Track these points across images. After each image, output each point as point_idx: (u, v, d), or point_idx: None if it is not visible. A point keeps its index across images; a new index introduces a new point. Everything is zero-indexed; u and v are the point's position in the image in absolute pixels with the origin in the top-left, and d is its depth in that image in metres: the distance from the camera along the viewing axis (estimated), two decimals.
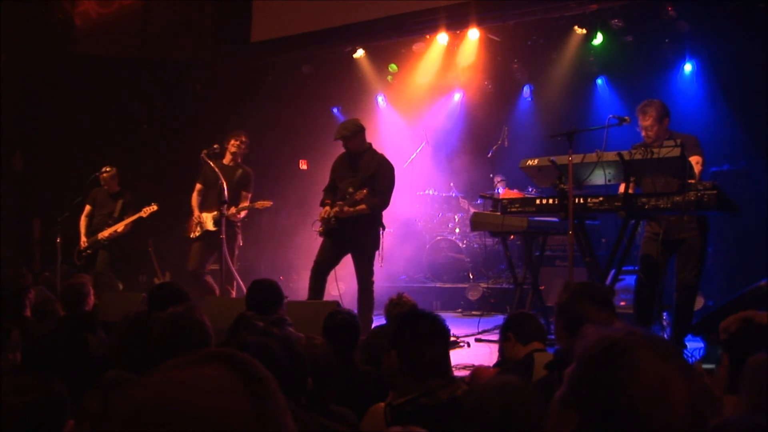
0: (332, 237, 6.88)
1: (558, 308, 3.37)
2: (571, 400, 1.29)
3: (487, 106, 10.92)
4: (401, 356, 2.74)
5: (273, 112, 11.37)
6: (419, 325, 2.82)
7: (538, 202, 6.07)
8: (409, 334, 2.79)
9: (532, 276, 6.84)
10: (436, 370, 2.74)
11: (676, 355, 1.31)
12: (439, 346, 2.80)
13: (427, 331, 2.79)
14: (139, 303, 6.23)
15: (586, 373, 1.29)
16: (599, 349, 1.30)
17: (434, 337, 2.78)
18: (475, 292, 9.33)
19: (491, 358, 5.59)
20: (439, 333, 2.82)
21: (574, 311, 3.21)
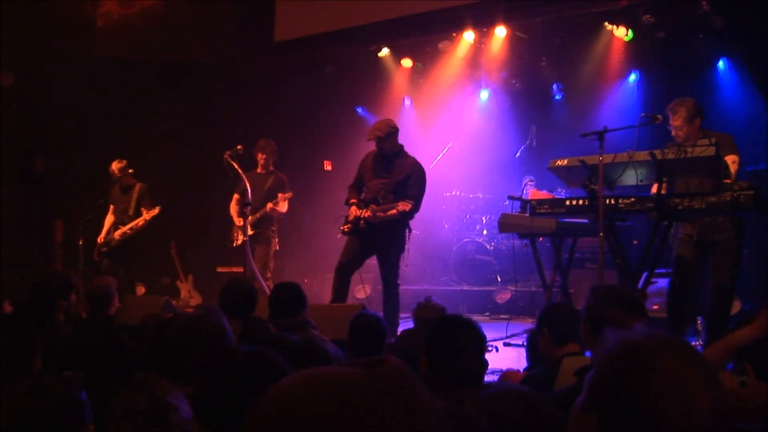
0: (357, 237, 6.90)
1: (584, 313, 3.33)
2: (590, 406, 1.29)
3: (514, 105, 10.89)
4: (431, 364, 2.73)
5: (296, 113, 11.42)
6: (453, 333, 2.78)
7: (568, 203, 6.03)
8: (441, 342, 2.76)
9: (561, 279, 6.80)
10: (467, 378, 2.71)
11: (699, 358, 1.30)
12: (473, 354, 2.76)
13: (460, 340, 2.75)
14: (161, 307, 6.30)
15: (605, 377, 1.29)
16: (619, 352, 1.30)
17: (468, 346, 2.75)
18: (503, 295, 9.31)
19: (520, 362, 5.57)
20: (474, 341, 2.78)
21: (601, 316, 3.17)
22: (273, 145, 8.73)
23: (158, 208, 8.64)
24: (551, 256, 7.50)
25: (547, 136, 10.18)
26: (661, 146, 5.77)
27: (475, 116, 11.33)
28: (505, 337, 7.00)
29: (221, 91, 11.83)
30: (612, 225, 5.93)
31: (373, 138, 6.86)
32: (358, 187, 7.13)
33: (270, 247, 8.51)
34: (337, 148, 10.88)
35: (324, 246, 10.23)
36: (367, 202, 6.90)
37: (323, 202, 10.25)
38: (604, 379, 1.29)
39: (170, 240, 10.81)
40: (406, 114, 11.56)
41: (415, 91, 11.53)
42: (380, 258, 6.96)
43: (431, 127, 11.28)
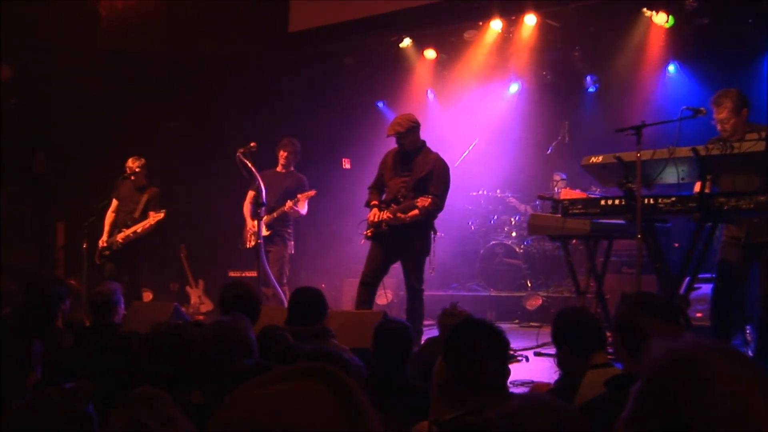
0: (381, 243, 6.91)
1: (615, 322, 3.29)
2: (638, 420, 1.28)
3: (545, 99, 10.85)
4: (451, 369, 2.73)
5: (312, 108, 11.44)
6: (473, 336, 2.80)
7: (603, 203, 6.00)
8: (460, 346, 2.78)
9: (596, 284, 6.76)
10: (489, 385, 2.72)
11: (753, 368, 1.29)
12: (495, 360, 2.77)
13: (480, 344, 2.77)
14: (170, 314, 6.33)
15: (653, 389, 1.28)
16: (668, 362, 1.28)
17: (489, 351, 2.76)
18: (534, 301, 9.27)
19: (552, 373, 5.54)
20: (495, 346, 2.79)
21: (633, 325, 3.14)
22: (297, 145, 8.78)
23: (163, 211, 8.65)
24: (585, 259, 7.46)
25: (580, 132, 10.14)
26: (705, 141, 5.71)
27: (503, 110, 11.29)
28: (535, 346, 6.96)
29: (233, 85, 11.87)
30: (651, 226, 5.89)
31: (393, 133, 6.87)
32: (378, 188, 7.14)
33: (285, 250, 8.53)
34: (357, 145, 10.88)
35: (342, 249, 10.24)
36: (388, 203, 6.91)
37: (341, 202, 10.26)
38: (653, 392, 1.27)
39: (179, 243, 10.86)
40: (429, 108, 11.55)
41: (439, 84, 11.51)
42: (404, 262, 6.97)
43: (456, 123, 11.25)
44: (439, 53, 11.09)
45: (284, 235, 8.55)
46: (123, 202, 8.91)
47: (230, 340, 3.14)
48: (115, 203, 8.98)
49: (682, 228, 7.93)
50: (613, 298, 7.78)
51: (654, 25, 9.56)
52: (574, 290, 7.15)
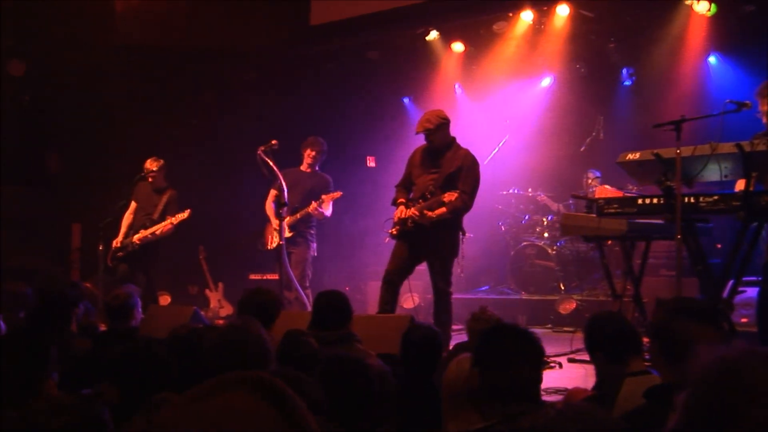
0: (406, 241, 6.91)
1: (652, 328, 3.26)
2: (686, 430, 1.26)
3: (579, 93, 10.79)
4: (483, 377, 2.72)
5: (335, 104, 11.46)
6: (507, 342, 2.79)
7: (640, 202, 5.96)
8: (494, 352, 2.77)
9: (633, 287, 6.72)
10: (522, 394, 2.70)
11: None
12: (529, 367, 2.75)
13: (515, 350, 2.75)
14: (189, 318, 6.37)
15: (701, 399, 1.26)
16: (715, 371, 1.27)
17: (524, 358, 2.74)
18: (567, 305, 9.22)
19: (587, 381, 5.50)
20: (530, 353, 2.77)
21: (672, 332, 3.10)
22: (325, 145, 8.78)
23: (188, 211, 8.69)
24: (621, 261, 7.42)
25: (615, 127, 10.08)
26: (750, 137, 5.65)
27: (535, 106, 11.25)
28: (569, 352, 6.92)
29: (253, 81, 11.92)
30: (691, 226, 5.84)
31: (422, 130, 6.87)
32: (406, 186, 7.15)
33: (308, 252, 8.55)
34: (382, 143, 10.89)
35: (367, 251, 10.25)
36: (415, 200, 6.92)
37: (366, 202, 10.27)
38: (701, 402, 1.26)
39: (198, 244, 10.91)
40: (457, 104, 11.54)
41: (468, 78, 11.49)
42: (431, 263, 6.97)
43: (485, 119, 11.24)
44: (468, 46, 11.07)
45: (307, 237, 8.57)
46: (141, 203, 8.97)
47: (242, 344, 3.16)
48: (133, 205, 9.04)
49: (724, 228, 7.88)
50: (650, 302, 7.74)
51: (694, 13, 9.48)
52: (609, 293, 7.10)
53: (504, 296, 10.16)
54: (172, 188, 8.97)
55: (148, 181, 8.94)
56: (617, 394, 3.43)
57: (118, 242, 8.86)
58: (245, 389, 1.11)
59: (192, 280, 11.25)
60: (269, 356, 3.18)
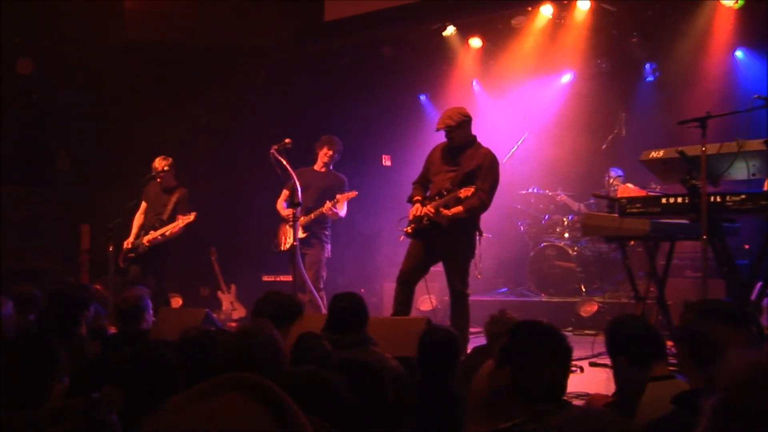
0: (422, 240, 6.91)
1: (681, 332, 3.25)
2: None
3: (600, 89, 10.76)
4: (517, 375, 2.75)
5: (350, 102, 11.46)
6: (540, 339, 2.83)
7: (664, 202, 5.94)
8: (528, 349, 2.80)
9: (657, 289, 6.69)
10: (552, 393, 2.75)
11: None
12: (558, 366, 2.81)
13: (549, 347, 2.80)
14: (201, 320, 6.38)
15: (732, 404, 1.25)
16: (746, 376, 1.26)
17: (554, 356, 2.79)
18: (588, 307, 9.19)
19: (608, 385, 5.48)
20: (559, 351, 2.82)
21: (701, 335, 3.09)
22: (341, 144, 8.76)
23: (193, 214, 8.69)
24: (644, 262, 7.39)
25: (638, 125, 10.03)
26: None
27: (555, 102, 11.22)
28: (591, 356, 6.88)
29: (265, 78, 11.94)
30: (717, 226, 5.81)
31: (443, 127, 6.87)
32: (423, 183, 7.15)
33: (323, 253, 8.54)
34: (397, 142, 10.89)
35: (382, 252, 10.24)
36: (431, 198, 6.92)
37: (381, 202, 10.27)
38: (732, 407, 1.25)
39: (210, 245, 10.94)
40: (474, 101, 11.52)
41: (485, 75, 11.48)
42: (447, 264, 6.95)
43: (504, 116, 11.21)
44: (485, 42, 11.06)
45: (321, 238, 8.56)
46: (151, 203, 8.99)
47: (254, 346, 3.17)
48: (144, 205, 9.06)
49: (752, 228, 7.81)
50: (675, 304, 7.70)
51: (721, 6, 9.43)
52: (632, 296, 7.08)
53: (523, 298, 10.14)
54: (182, 187, 8.97)
55: (156, 181, 8.96)
56: (639, 399, 3.41)
57: (129, 243, 8.87)
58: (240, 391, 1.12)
59: (203, 281, 11.28)
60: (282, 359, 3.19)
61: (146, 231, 8.85)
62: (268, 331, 3.23)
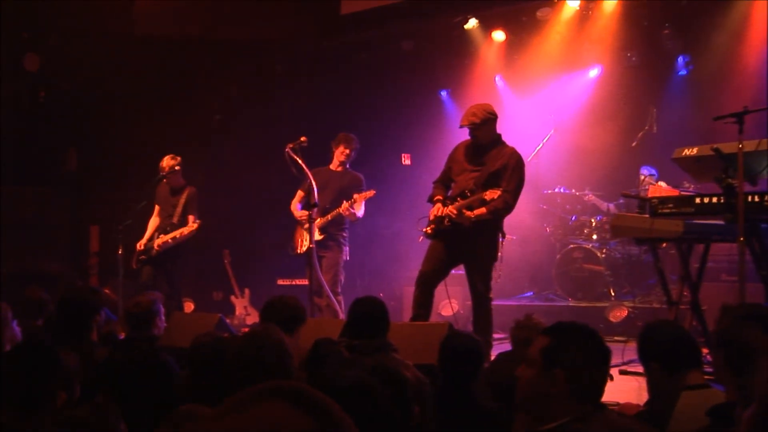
0: (442, 241, 6.90)
1: (717, 338, 3.22)
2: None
3: (630, 84, 10.72)
4: (570, 377, 2.79)
5: (368, 98, 11.47)
6: (587, 340, 2.90)
7: (698, 202, 5.91)
8: (578, 350, 2.85)
9: (690, 293, 6.64)
10: (595, 394, 2.83)
11: None
12: (604, 368, 2.90)
13: (595, 348, 2.87)
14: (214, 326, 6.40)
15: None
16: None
17: (605, 356, 2.89)
18: (618, 312, 9.15)
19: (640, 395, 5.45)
20: (605, 351, 2.91)
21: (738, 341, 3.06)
22: (357, 142, 8.73)
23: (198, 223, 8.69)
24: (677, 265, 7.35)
25: (670, 121, 9.98)
26: None
27: (582, 98, 11.18)
28: (621, 364, 6.84)
29: (280, 74, 11.96)
30: (755, 227, 5.77)
31: (467, 124, 6.86)
32: (445, 182, 7.15)
33: (340, 256, 8.53)
34: (417, 139, 10.88)
35: (402, 254, 10.23)
36: (453, 198, 6.90)
37: (401, 202, 10.26)
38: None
39: (223, 248, 10.97)
40: (498, 97, 11.48)
41: (509, 69, 11.46)
42: (469, 267, 6.95)
43: (528, 113, 11.19)
44: (509, 35, 11.04)
45: (339, 240, 8.55)
46: (162, 205, 9.02)
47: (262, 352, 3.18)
48: (157, 208, 9.08)
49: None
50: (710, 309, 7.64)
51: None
52: (664, 300, 7.04)
53: (549, 303, 10.11)
54: (190, 186, 8.97)
55: (164, 183, 8.98)
56: (673, 409, 3.39)
57: (142, 245, 8.90)
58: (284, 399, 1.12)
59: (216, 285, 11.31)
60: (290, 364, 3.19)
61: (159, 234, 8.87)
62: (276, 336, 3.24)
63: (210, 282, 11.34)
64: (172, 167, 8.83)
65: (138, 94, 11.18)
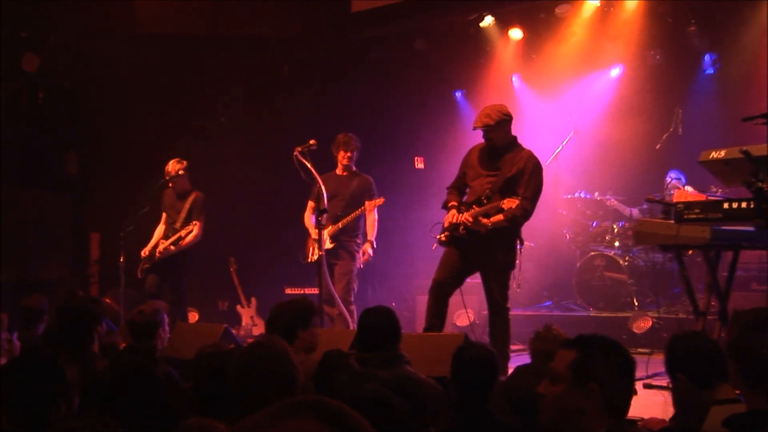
0: (457, 249, 6.89)
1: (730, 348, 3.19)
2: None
3: (654, 83, 10.69)
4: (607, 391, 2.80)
5: (379, 99, 11.47)
6: (617, 352, 2.92)
7: (726, 207, 5.86)
8: (611, 363, 2.87)
9: (719, 303, 6.60)
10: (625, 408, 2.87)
11: None
12: (633, 379, 2.95)
13: (625, 361, 2.89)
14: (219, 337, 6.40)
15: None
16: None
17: (632, 369, 2.92)
18: (642, 323, 9.12)
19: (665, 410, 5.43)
20: (633, 363, 2.94)
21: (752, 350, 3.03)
22: (357, 140, 8.71)
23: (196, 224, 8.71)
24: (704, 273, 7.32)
25: (696, 122, 9.93)
26: None
27: (603, 98, 11.16)
28: (645, 377, 6.82)
29: (288, 74, 11.97)
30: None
31: (481, 126, 6.85)
32: (459, 188, 7.14)
33: (353, 264, 8.52)
34: (431, 142, 10.88)
35: (414, 262, 10.22)
36: (469, 204, 6.88)
37: (413, 208, 10.25)
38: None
39: (228, 255, 10.97)
40: (514, 97, 11.48)
41: (527, 69, 11.44)
42: (485, 275, 6.94)
43: (547, 114, 11.17)
44: (527, 33, 11.02)
45: (352, 248, 8.53)
46: (168, 211, 9.04)
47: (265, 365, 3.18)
48: (164, 216, 9.10)
49: None
50: None
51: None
52: (691, 311, 7.01)
53: (569, 313, 10.08)
54: (197, 191, 8.99)
55: (169, 188, 8.99)
56: (702, 425, 3.36)
57: (146, 252, 8.91)
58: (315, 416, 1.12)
59: (222, 294, 11.32)
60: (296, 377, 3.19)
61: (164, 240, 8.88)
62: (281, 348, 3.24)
63: (215, 291, 11.36)
64: (178, 171, 8.86)
65: (141, 95, 11.21)
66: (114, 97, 11.19)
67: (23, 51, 10.65)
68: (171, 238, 8.79)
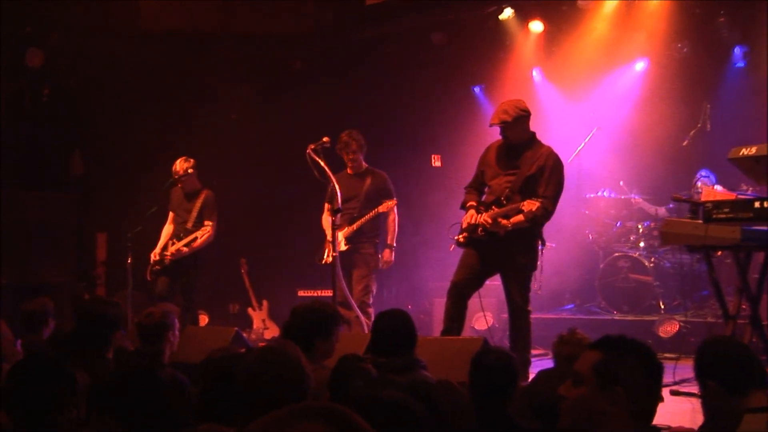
0: (476, 250, 6.87)
1: None
2: None
3: (681, 78, 10.65)
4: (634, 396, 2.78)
5: (395, 95, 11.47)
6: (643, 355, 2.89)
7: (757, 206, 5.85)
8: (638, 366, 2.84)
9: (750, 306, 6.57)
10: (651, 414, 2.84)
11: None
12: (660, 384, 2.92)
13: (653, 364, 2.86)
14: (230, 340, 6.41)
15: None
16: None
17: (659, 372, 2.89)
18: (668, 327, 9.08)
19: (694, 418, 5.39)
20: (661, 367, 2.92)
21: None
22: (359, 136, 8.63)
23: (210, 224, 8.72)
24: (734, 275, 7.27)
25: (725, 117, 9.89)
26: None
27: (628, 93, 11.12)
28: (672, 383, 6.79)
29: (300, 70, 11.98)
30: None
31: (498, 122, 6.83)
32: (478, 188, 7.12)
33: (372, 266, 8.48)
34: (449, 139, 10.86)
35: (431, 264, 10.21)
36: (488, 205, 6.86)
37: (430, 207, 10.25)
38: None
39: (239, 256, 10.99)
40: (535, 92, 11.47)
41: (548, 63, 11.43)
42: (505, 277, 6.93)
43: (569, 110, 11.15)
44: (548, 25, 10.99)
45: (370, 249, 8.49)
46: (176, 211, 9.06)
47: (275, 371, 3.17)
48: (171, 215, 9.11)
49: None
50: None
51: None
52: (719, 314, 6.97)
53: (593, 316, 10.04)
54: (207, 189, 9.00)
55: (178, 187, 9.01)
56: None
57: (156, 254, 8.92)
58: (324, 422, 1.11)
59: (233, 297, 11.35)
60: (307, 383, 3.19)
61: (172, 241, 8.89)
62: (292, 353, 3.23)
63: (226, 293, 11.38)
64: (186, 170, 8.87)
65: (148, 93, 11.25)
66: (119, 95, 11.24)
67: (27, 46, 10.68)
68: (184, 239, 8.79)
